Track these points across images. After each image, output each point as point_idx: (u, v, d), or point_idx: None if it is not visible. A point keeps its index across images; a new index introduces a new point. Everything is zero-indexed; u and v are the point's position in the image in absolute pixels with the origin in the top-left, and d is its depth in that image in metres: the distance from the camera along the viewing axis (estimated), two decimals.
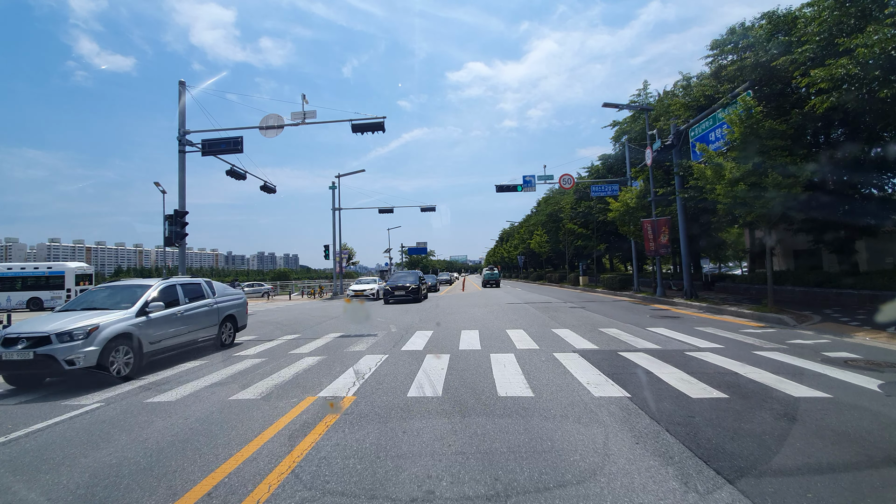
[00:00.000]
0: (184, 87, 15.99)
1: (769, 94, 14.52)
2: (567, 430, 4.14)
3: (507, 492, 3.04)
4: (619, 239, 30.91)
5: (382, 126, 16.68)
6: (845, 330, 9.54)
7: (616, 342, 8.86)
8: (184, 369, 7.80)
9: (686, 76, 22.90)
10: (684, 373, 6.14)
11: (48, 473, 3.68)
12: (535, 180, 27.14)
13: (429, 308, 18.86)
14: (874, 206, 15.11)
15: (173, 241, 15.10)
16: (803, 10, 14.00)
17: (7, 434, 4.74)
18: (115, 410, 5.43)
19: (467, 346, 8.93)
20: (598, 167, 34.47)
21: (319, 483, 3.28)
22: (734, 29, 16.70)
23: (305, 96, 16.89)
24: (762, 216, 12.00)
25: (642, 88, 29.38)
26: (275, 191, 21.17)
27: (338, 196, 32.68)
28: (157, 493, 3.24)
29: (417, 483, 3.22)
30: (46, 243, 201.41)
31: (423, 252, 77.85)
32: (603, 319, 12.79)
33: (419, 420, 4.58)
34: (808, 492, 2.93)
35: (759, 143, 11.83)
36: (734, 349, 7.78)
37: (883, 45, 9.67)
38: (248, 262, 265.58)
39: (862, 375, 5.76)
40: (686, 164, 16.62)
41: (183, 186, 15.89)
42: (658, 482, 3.11)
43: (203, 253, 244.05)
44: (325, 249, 33.87)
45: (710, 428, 4.08)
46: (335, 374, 6.86)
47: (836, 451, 3.54)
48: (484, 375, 6.37)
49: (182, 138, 15.98)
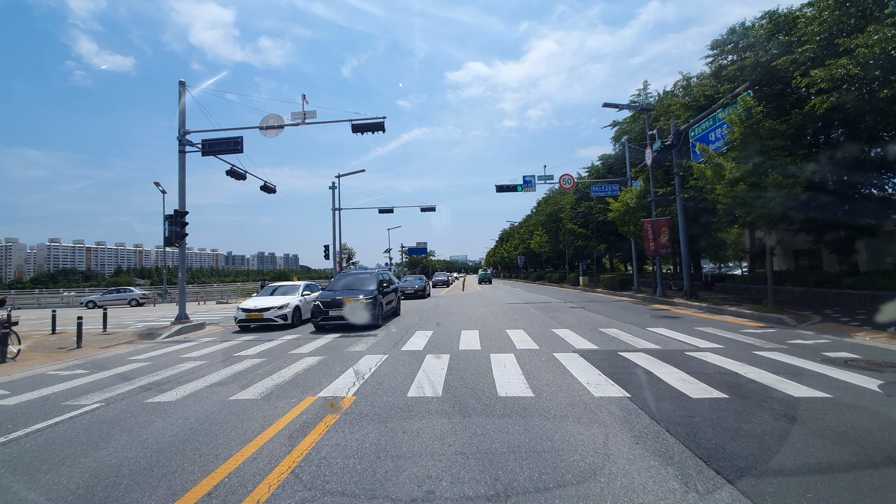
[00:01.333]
0: (184, 87, 15.99)
1: (769, 94, 14.51)
2: (567, 430, 4.14)
3: (507, 492, 3.04)
4: (619, 239, 30.90)
5: (382, 126, 16.67)
6: (845, 330, 9.54)
7: (616, 342, 8.86)
8: (184, 369, 7.81)
9: (686, 76, 22.93)
10: (684, 373, 6.14)
11: (48, 473, 3.68)
12: (535, 180, 27.14)
13: (429, 308, 18.85)
14: (874, 206, 15.12)
15: (173, 241, 15.09)
16: (803, 10, 14.00)
17: (7, 434, 4.74)
18: (115, 410, 5.43)
19: (467, 346, 8.93)
20: (598, 167, 34.46)
21: (319, 483, 3.28)
22: (734, 29, 16.70)
23: (305, 96, 16.86)
24: (762, 216, 12.01)
25: (642, 88, 29.38)
26: (275, 191, 21.16)
27: (338, 196, 32.69)
28: (157, 493, 3.24)
29: (417, 483, 3.22)
30: (46, 243, 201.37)
31: (423, 252, 77.81)
32: (603, 319, 12.79)
33: (419, 420, 4.58)
34: (808, 492, 2.93)
35: (759, 143, 11.84)
36: (734, 349, 7.78)
37: (883, 45, 9.67)
38: (248, 261, 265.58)
39: (862, 375, 5.75)
40: (686, 164, 16.62)
41: (183, 186, 15.89)
42: (658, 482, 3.11)
43: (203, 253, 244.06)
44: (325, 249, 33.86)
45: (710, 428, 4.08)
46: (335, 374, 6.86)
47: (836, 451, 3.54)
48: (484, 375, 6.37)
49: (182, 138, 15.98)
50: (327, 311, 12.19)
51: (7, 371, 8.50)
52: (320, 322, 12.31)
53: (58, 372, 8.26)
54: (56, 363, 9.14)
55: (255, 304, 13.34)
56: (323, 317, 12.23)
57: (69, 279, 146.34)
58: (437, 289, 40.29)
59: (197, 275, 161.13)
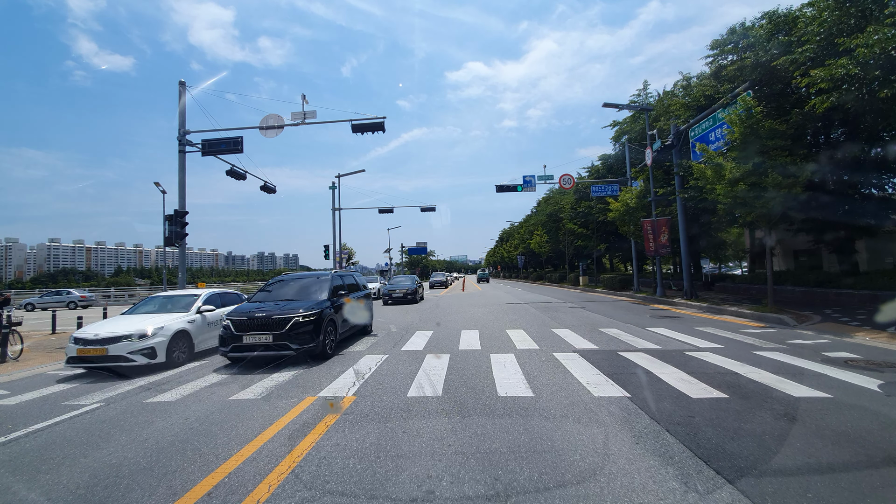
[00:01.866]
0: (184, 88, 16.00)
1: (769, 94, 14.51)
2: (567, 430, 4.14)
3: (507, 492, 3.03)
4: (619, 239, 30.90)
5: (382, 126, 16.67)
6: (845, 330, 9.54)
7: (616, 342, 8.86)
8: (184, 369, 7.81)
9: (686, 76, 22.91)
10: (684, 373, 6.14)
11: (48, 473, 3.68)
12: (535, 180, 27.13)
13: (429, 308, 18.84)
14: (874, 206, 15.12)
15: (173, 241, 15.10)
16: (803, 10, 13.99)
17: (7, 434, 4.74)
18: (115, 410, 5.44)
19: (467, 346, 8.93)
20: (598, 167, 34.46)
21: (319, 483, 3.28)
22: (734, 29, 16.68)
23: (305, 96, 16.86)
24: (762, 216, 12.00)
25: (642, 88, 29.39)
26: (275, 191, 21.16)
27: (338, 196, 32.68)
28: (157, 493, 3.24)
29: (417, 483, 3.22)
30: (46, 243, 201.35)
31: (423, 252, 77.86)
32: (603, 319, 12.79)
33: (419, 420, 4.58)
34: (808, 492, 2.93)
35: (759, 143, 11.84)
36: (734, 349, 7.77)
37: (883, 45, 9.66)
38: (249, 262, 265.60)
39: (862, 375, 5.75)
40: (686, 164, 16.62)
41: (183, 186, 15.89)
42: (658, 482, 3.11)
43: (203, 253, 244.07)
44: (325, 249, 33.86)
45: (710, 428, 4.08)
46: (335, 374, 6.86)
47: (836, 451, 3.54)
48: (484, 375, 6.37)
49: (182, 138, 15.98)
50: (241, 337, 7.72)
51: (7, 371, 8.50)
52: (231, 353, 7.86)
53: (58, 372, 8.27)
54: (56, 363, 9.14)
55: (97, 330, 7.94)
56: (235, 345, 7.75)
57: (69, 279, 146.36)
58: (436, 290, 38.32)
59: (197, 275, 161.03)
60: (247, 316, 7.92)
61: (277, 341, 7.63)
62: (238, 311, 8.22)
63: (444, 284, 43.91)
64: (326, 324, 8.35)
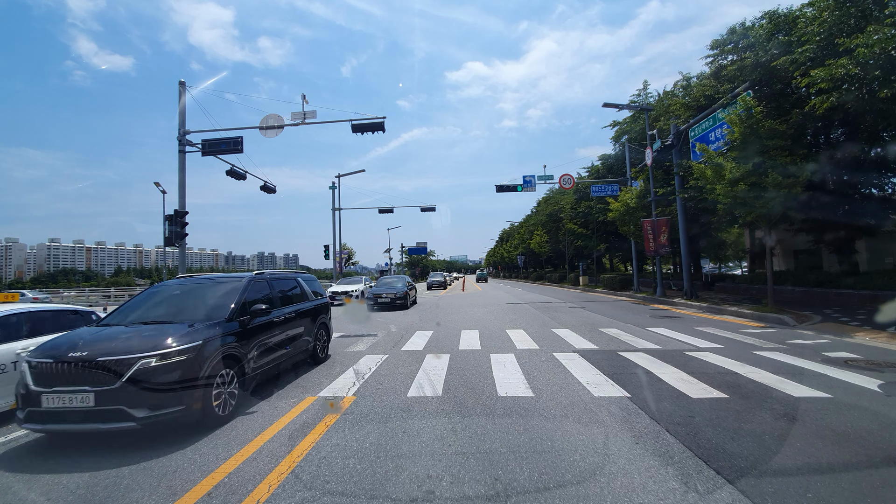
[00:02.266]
0: (184, 88, 16.00)
1: (769, 94, 14.51)
2: (567, 430, 4.14)
3: (507, 492, 3.03)
4: (619, 239, 30.91)
5: (382, 126, 16.68)
6: (845, 330, 9.54)
7: (616, 342, 8.86)
8: None
9: (686, 76, 22.90)
10: (684, 373, 6.14)
11: (48, 473, 3.68)
12: (535, 180, 27.14)
13: (429, 308, 18.84)
14: (874, 206, 15.11)
15: (173, 241, 15.10)
16: (803, 10, 13.99)
17: (7, 434, 4.74)
18: None
19: (467, 346, 8.93)
20: (598, 167, 34.45)
21: (319, 483, 3.28)
22: (734, 29, 16.69)
23: (305, 96, 16.88)
24: (762, 216, 12.01)
25: (642, 88, 29.36)
26: (275, 191, 21.17)
27: (338, 196, 32.69)
28: (157, 493, 3.24)
29: (417, 483, 3.22)
30: (46, 243, 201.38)
31: (423, 252, 77.85)
32: (603, 319, 12.79)
33: (419, 420, 4.58)
34: (808, 492, 2.93)
35: (759, 143, 11.84)
36: (734, 349, 7.77)
37: (883, 45, 9.67)
38: (249, 262, 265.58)
39: (862, 375, 5.76)
40: (686, 164, 16.62)
41: (183, 186, 15.89)
42: (658, 482, 3.11)
43: (203, 253, 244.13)
44: (325, 249, 33.87)
45: (710, 428, 4.08)
46: (335, 374, 6.86)
47: (836, 451, 3.54)
48: (484, 375, 6.37)
49: (182, 138, 15.99)
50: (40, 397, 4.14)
51: None
52: (27, 424, 4.22)
53: None
54: None
55: None
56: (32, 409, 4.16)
57: (69, 279, 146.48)
58: (434, 291, 36.51)
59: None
60: (54, 357, 4.29)
61: (104, 405, 4.07)
62: (49, 348, 4.54)
63: (442, 285, 40.72)
64: (217, 363, 4.79)
